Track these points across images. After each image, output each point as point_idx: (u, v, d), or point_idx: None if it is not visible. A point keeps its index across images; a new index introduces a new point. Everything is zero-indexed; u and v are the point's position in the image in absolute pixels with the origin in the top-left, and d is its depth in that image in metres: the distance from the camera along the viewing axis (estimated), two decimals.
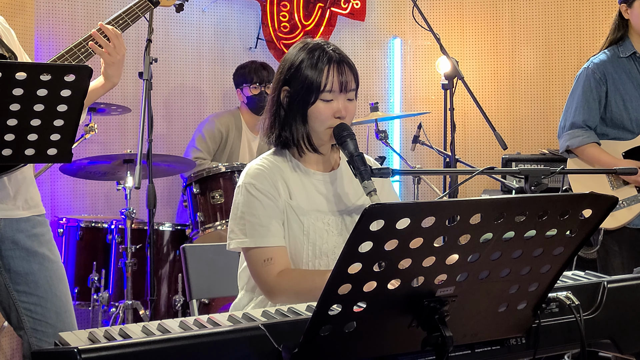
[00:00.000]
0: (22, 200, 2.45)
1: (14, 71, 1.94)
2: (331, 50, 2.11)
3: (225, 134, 4.35)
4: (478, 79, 5.06)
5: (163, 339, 1.33)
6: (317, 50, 2.10)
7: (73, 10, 4.48)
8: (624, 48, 3.29)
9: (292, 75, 2.10)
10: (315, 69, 2.07)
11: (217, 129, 4.33)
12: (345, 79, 2.08)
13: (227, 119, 4.38)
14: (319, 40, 2.15)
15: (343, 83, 2.08)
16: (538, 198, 1.41)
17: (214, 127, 4.33)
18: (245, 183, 2.09)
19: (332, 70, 2.07)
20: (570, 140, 3.29)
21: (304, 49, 2.12)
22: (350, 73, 2.10)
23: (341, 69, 2.08)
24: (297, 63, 2.10)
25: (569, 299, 1.63)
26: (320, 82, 2.06)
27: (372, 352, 1.43)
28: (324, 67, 2.07)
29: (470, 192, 5.01)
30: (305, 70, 2.08)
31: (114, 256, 3.89)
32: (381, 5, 5.21)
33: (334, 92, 2.07)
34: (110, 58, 2.51)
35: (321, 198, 2.14)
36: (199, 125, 4.43)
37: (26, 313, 2.44)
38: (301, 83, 2.08)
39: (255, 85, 4.35)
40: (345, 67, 2.10)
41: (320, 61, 2.07)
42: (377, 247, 1.28)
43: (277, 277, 2.01)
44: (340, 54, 2.11)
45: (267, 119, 2.17)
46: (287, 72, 2.12)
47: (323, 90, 2.06)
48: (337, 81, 2.07)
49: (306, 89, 2.07)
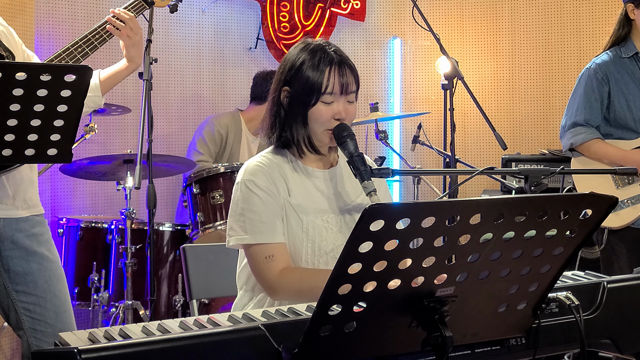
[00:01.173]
0: (21, 200, 2.45)
1: (14, 71, 1.94)
2: (332, 51, 2.10)
3: (224, 135, 4.34)
4: (478, 79, 5.06)
5: (163, 339, 1.33)
6: (319, 51, 2.09)
7: (73, 10, 4.48)
8: (627, 48, 3.28)
9: (292, 75, 2.10)
10: (316, 70, 2.06)
11: (217, 130, 4.33)
12: (346, 81, 2.08)
13: (227, 120, 4.38)
14: (320, 40, 2.15)
15: (344, 85, 2.07)
16: (538, 198, 1.41)
17: (213, 129, 4.33)
18: (244, 180, 2.08)
19: (333, 72, 2.07)
20: (574, 138, 3.28)
21: (305, 50, 2.11)
22: (351, 75, 2.10)
23: (342, 71, 2.08)
24: (298, 64, 2.09)
25: (569, 299, 1.63)
26: (322, 84, 2.06)
27: (372, 352, 1.43)
28: (325, 68, 2.06)
29: (470, 192, 5.01)
30: (306, 71, 2.07)
31: (114, 256, 3.89)
32: (381, 6, 5.21)
33: (335, 94, 2.07)
34: (130, 40, 2.63)
35: (320, 196, 2.14)
36: (199, 128, 4.43)
37: (25, 313, 2.44)
38: (302, 84, 2.07)
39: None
40: (347, 68, 2.09)
41: (322, 62, 2.07)
42: (377, 247, 1.28)
43: (280, 274, 2.00)
44: (341, 55, 2.11)
45: (267, 119, 2.16)
46: (288, 72, 2.11)
47: (324, 92, 2.06)
48: (338, 83, 2.06)
49: (307, 90, 2.07)
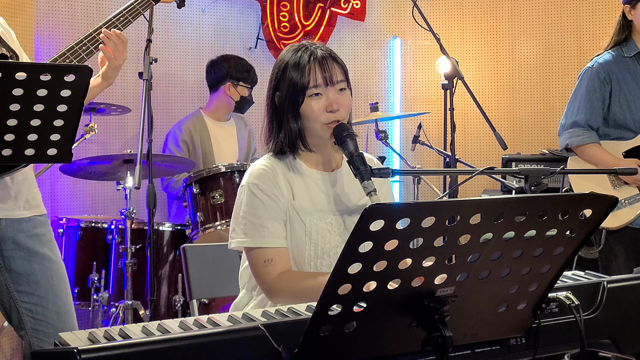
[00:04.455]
0: (23, 201, 2.45)
1: (14, 71, 1.94)
2: (314, 48, 2.12)
3: (190, 141, 4.33)
4: (478, 79, 5.06)
5: (163, 339, 1.33)
6: (300, 50, 2.12)
7: (73, 10, 4.48)
8: (629, 48, 3.28)
9: (279, 79, 2.13)
10: (298, 67, 2.08)
11: (182, 140, 4.34)
12: (329, 73, 2.08)
13: (188, 125, 4.36)
14: (304, 41, 2.17)
15: (327, 77, 2.08)
16: (538, 198, 1.41)
17: (178, 140, 4.34)
18: (248, 183, 2.10)
19: (313, 67, 2.08)
20: (571, 139, 3.29)
21: (289, 51, 2.14)
22: (335, 66, 2.10)
23: (324, 65, 2.09)
24: (282, 66, 2.12)
25: (569, 299, 1.63)
26: (304, 81, 2.07)
27: (372, 352, 1.43)
28: (306, 65, 2.08)
29: (470, 192, 5.01)
30: (290, 72, 2.09)
31: (114, 256, 3.89)
32: (381, 5, 5.21)
33: (320, 86, 2.07)
34: (115, 62, 2.58)
35: (323, 198, 2.14)
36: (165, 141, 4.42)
37: (27, 313, 2.44)
38: (287, 85, 2.10)
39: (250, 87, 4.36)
40: (329, 61, 2.10)
41: (302, 59, 2.09)
42: (377, 247, 1.28)
43: (277, 278, 2.02)
44: (323, 50, 2.12)
45: (265, 126, 2.18)
46: (276, 77, 2.14)
47: (308, 86, 2.07)
48: (321, 76, 2.08)
49: (292, 89, 2.08)
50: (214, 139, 4.39)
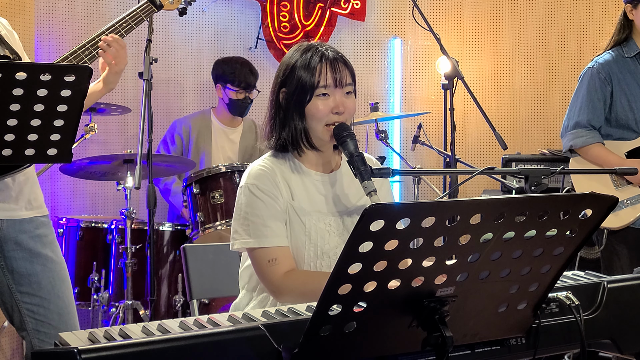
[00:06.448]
0: (25, 201, 2.45)
1: (14, 71, 1.94)
2: (324, 49, 2.12)
3: (186, 138, 4.33)
4: (478, 79, 5.06)
5: (163, 339, 1.33)
6: (311, 50, 2.12)
7: (73, 10, 4.48)
8: (629, 48, 3.28)
9: (287, 76, 2.12)
10: (308, 67, 2.09)
11: (177, 133, 4.36)
12: (340, 75, 2.09)
13: (191, 121, 4.37)
14: (314, 42, 2.18)
15: (337, 78, 2.09)
16: (538, 198, 1.41)
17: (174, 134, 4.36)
18: (247, 184, 2.10)
19: (324, 67, 2.08)
20: (574, 140, 3.28)
21: (299, 50, 2.14)
22: (344, 69, 2.11)
23: (334, 66, 2.09)
24: (291, 64, 2.12)
25: (569, 299, 1.63)
26: (314, 79, 2.07)
27: (372, 352, 1.43)
28: (317, 65, 2.08)
29: (470, 192, 5.01)
30: (299, 70, 2.09)
31: (114, 256, 3.89)
32: (381, 5, 5.21)
33: (329, 87, 2.08)
34: (116, 67, 2.58)
35: (322, 199, 2.15)
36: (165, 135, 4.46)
37: (29, 314, 2.44)
38: (296, 83, 2.09)
39: (240, 90, 4.32)
40: (339, 63, 2.11)
41: (313, 59, 2.09)
42: (377, 247, 1.28)
43: (284, 277, 2.02)
44: (334, 51, 2.13)
45: (267, 122, 2.18)
46: (283, 74, 2.14)
47: (317, 86, 2.07)
48: (331, 77, 2.08)
49: (301, 88, 2.08)
50: (214, 140, 4.39)
